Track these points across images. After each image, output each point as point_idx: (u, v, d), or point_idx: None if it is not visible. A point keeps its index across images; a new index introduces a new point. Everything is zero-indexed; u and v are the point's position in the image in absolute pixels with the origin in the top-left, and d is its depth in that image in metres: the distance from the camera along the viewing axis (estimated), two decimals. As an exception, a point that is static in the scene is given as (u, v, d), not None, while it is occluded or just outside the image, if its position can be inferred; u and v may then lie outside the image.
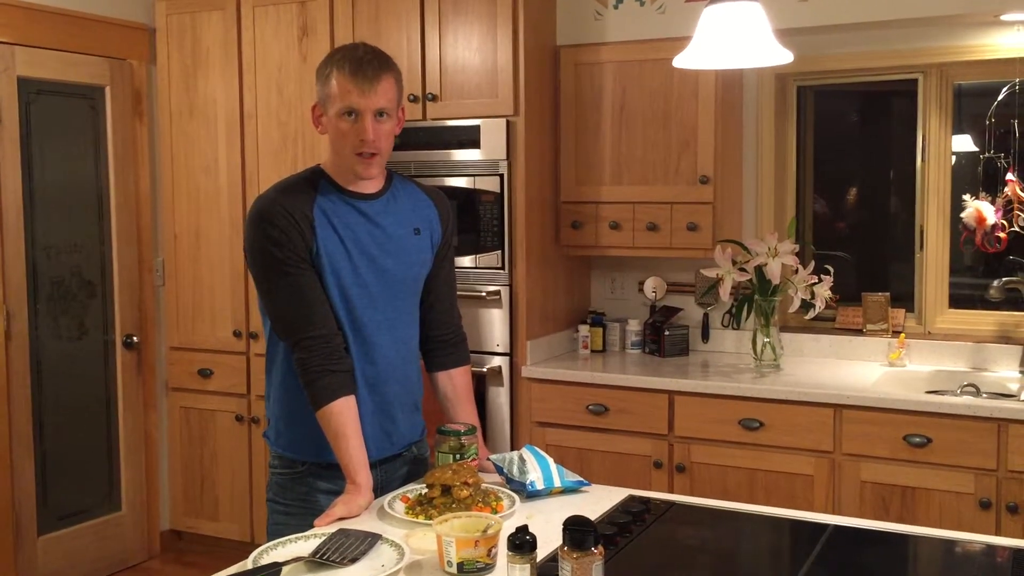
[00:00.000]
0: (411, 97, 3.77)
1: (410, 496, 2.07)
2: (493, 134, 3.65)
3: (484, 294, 3.69)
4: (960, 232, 3.65)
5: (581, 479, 2.19)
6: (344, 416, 2.05)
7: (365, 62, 2.09)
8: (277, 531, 2.14)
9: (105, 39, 4.19)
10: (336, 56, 2.13)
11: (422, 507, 1.99)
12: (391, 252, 2.19)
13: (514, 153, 3.65)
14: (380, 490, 2.15)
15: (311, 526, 1.96)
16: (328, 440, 2.07)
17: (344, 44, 2.26)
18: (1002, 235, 3.56)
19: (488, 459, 2.22)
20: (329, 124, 2.13)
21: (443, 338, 2.36)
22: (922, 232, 3.75)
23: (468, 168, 3.71)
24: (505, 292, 3.68)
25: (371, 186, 2.20)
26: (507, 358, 3.70)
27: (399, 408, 2.24)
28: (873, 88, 3.97)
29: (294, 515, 2.15)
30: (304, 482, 2.18)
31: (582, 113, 3.82)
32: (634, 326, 3.99)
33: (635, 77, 3.72)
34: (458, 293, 2.45)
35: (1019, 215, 3.54)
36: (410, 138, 3.77)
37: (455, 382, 2.37)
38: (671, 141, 3.67)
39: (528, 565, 1.54)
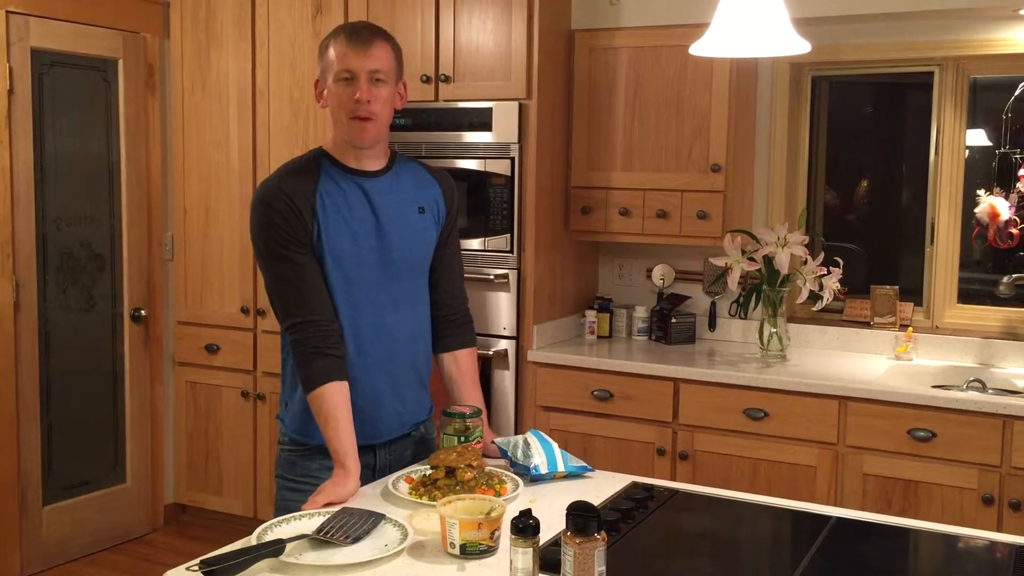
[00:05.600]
0: (424, 78, 3.76)
1: (414, 477, 2.08)
2: (505, 117, 3.64)
3: (492, 277, 3.69)
4: (972, 227, 3.64)
5: (585, 464, 2.20)
6: (335, 399, 2.05)
7: (360, 28, 2.16)
8: (284, 507, 2.16)
9: (119, 11, 4.18)
10: (334, 30, 2.18)
11: (426, 488, 2.00)
12: (396, 231, 2.18)
13: (526, 136, 3.64)
14: (388, 470, 2.18)
15: None
16: (318, 423, 2.07)
17: None
18: (1015, 231, 3.54)
19: (493, 442, 2.23)
20: (329, 95, 2.15)
21: (449, 319, 2.36)
22: (933, 226, 3.74)
23: (479, 151, 3.70)
24: (513, 276, 3.68)
25: (374, 164, 2.19)
26: (513, 342, 3.70)
27: (407, 387, 2.25)
28: (888, 80, 3.94)
29: (302, 491, 2.15)
30: (314, 459, 2.19)
31: (595, 98, 3.80)
32: (641, 313, 3.99)
33: (649, 63, 3.70)
34: (466, 276, 2.45)
35: (1032, 211, 3.52)
36: (422, 119, 3.76)
37: (461, 364, 2.37)
38: (683, 128, 3.66)
39: (531, 549, 1.54)
